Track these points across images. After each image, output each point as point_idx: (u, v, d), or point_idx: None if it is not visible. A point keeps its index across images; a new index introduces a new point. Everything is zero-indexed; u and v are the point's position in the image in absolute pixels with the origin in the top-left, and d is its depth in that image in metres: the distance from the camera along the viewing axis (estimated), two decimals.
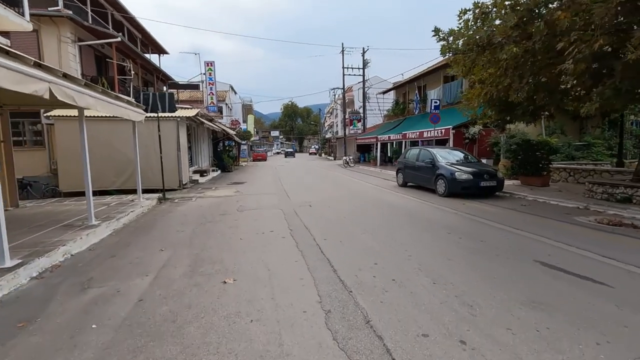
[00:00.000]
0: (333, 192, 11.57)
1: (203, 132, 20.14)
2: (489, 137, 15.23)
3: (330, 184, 14.28)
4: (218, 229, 6.63)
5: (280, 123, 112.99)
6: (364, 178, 16.83)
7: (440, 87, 21.21)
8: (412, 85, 25.68)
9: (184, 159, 13.86)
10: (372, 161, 25.86)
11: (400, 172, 12.53)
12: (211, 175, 18.44)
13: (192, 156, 17.64)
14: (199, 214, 8.16)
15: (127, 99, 8.05)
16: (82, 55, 14.86)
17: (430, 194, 10.44)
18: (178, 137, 13.23)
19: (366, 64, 36.61)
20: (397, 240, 5.44)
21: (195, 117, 15.21)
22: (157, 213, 8.50)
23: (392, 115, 29.28)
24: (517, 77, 7.32)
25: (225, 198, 10.80)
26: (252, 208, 8.83)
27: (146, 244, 5.71)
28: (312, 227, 6.55)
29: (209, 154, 21.98)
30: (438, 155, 10.64)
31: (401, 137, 20.86)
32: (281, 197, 10.74)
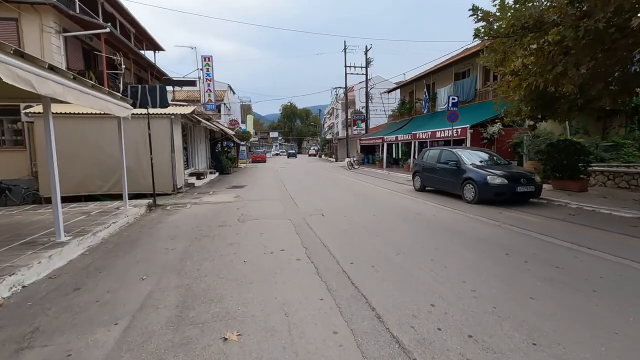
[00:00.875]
0: (344, 198, 10.37)
1: (200, 132, 18.93)
2: (510, 137, 14.08)
3: (339, 188, 13.09)
4: (216, 246, 5.43)
5: (279, 124, 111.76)
6: (373, 181, 15.64)
7: (451, 85, 20.08)
8: (419, 83, 24.56)
9: (178, 161, 12.65)
10: (378, 163, 24.69)
11: (417, 175, 11.36)
12: (209, 178, 17.22)
13: (188, 157, 16.41)
14: (193, 225, 6.95)
15: (108, 90, 6.84)
16: (68, 48, 13.64)
17: (455, 201, 9.26)
18: (172, 136, 12.02)
19: (369, 62, 35.53)
20: (447, 267, 4.25)
21: (191, 115, 14.00)
22: (145, 224, 7.28)
23: (397, 115, 28.14)
24: (572, 65, 6.15)
25: (224, 205, 9.59)
26: (256, 217, 7.63)
27: (124, 268, 4.49)
28: (330, 244, 5.35)
29: (206, 156, 20.75)
30: (464, 157, 9.47)
31: (410, 138, 19.70)
32: (287, 203, 9.53)
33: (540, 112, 8.48)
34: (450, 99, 13.74)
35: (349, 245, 5.27)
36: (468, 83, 18.34)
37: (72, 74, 5.30)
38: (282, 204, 9.50)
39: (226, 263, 4.59)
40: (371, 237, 5.72)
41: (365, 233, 6.01)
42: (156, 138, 11.90)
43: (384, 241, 5.46)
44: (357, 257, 4.68)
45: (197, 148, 17.68)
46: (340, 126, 56.72)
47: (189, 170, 15.89)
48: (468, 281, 3.74)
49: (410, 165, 20.05)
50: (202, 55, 20.06)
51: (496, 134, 14.35)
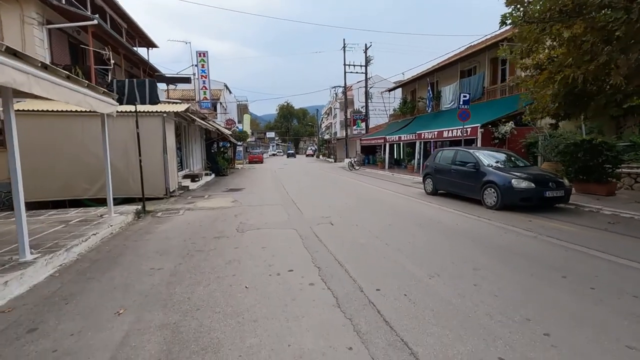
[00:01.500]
0: (352, 202, 9.56)
1: (195, 132, 18.05)
2: (523, 136, 13.35)
3: (343, 191, 12.28)
4: (211, 264, 4.59)
5: (276, 124, 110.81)
6: (378, 183, 14.85)
7: (456, 83, 19.34)
8: (422, 81, 23.81)
9: (171, 162, 11.78)
10: (380, 164, 23.91)
11: (429, 177, 10.57)
12: (204, 180, 16.34)
13: (182, 158, 15.53)
14: (186, 237, 6.10)
15: (88, 83, 5.98)
16: (53, 41, 12.71)
17: (474, 206, 8.48)
18: (164, 136, 11.15)
19: (369, 60, 34.77)
20: (497, 296, 3.44)
21: (185, 114, 13.12)
22: (131, 235, 6.41)
23: (399, 115, 27.38)
24: (618, 53, 5.38)
25: (220, 211, 8.74)
26: (256, 227, 6.79)
27: (98, 297, 3.65)
28: (347, 262, 4.53)
29: (201, 156, 19.86)
30: (482, 158, 8.70)
31: (415, 138, 18.93)
32: (290, 209, 8.71)
33: (569, 109, 7.71)
34: (461, 97, 12.99)
35: (369, 264, 4.45)
36: (475, 81, 17.61)
37: (40, 61, 4.44)
38: (284, 209, 8.67)
39: (224, 289, 3.75)
40: (393, 253, 4.90)
41: (384, 247, 5.20)
42: (146, 138, 11.04)
43: (409, 258, 4.65)
44: (382, 280, 3.87)
45: (191, 148, 16.80)
46: (339, 126, 55.95)
47: (183, 172, 15.01)
48: (534, 319, 2.94)
49: (414, 166, 19.31)
50: (196, 50, 19.23)
51: (508, 134, 13.61)
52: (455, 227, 6.44)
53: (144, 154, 11.08)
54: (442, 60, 22.16)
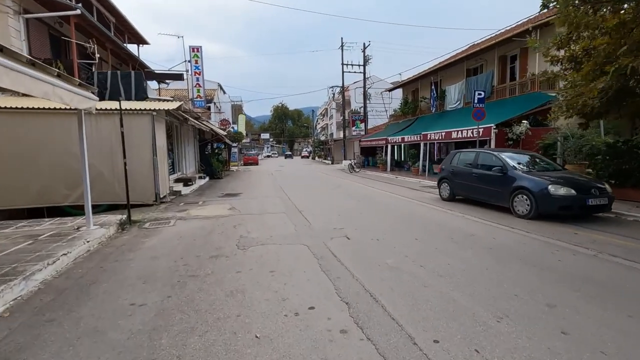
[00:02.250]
0: (363, 209, 8.63)
1: (188, 132, 16.99)
2: (539, 137, 12.55)
3: (350, 196, 11.34)
4: (208, 297, 3.62)
5: (270, 125, 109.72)
6: (385, 187, 13.94)
7: (462, 82, 18.56)
8: (425, 80, 23.03)
9: (162, 165, 10.75)
10: (381, 166, 23.03)
11: (445, 182, 9.68)
12: (198, 184, 15.29)
13: (174, 161, 14.48)
14: (176, 256, 5.11)
15: (58, 71, 4.96)
16: (31, 32, 11.60)
17: (501, 214, 7.61)
18: (153, 136, 10.12)
19: (367, 60, 33.97)
20: (606, 352, 2.52)
21: (177, 112, 12.09)
22: (110, 254, 5.39)
23: (399, 115, 26.57)
24: None
25: (217, 220, 7.74)
26: (260, 242, 5.81)
27: (54, 355, 2.65)
28: (381, 293, 3.59)
29: (195, 158, 18.79)
30: (509, 160, 7.83)
31: (419, 139, 18.09)
32: (295, 218, 7.75)
33: (610, 107, 6.87)
34: (475, 95, 12.15)
35: (410, 297, 3.51)
36: (483, 79, 16.83)
37: None
38: (289, 218, 7.71)
39: (226, 340, 2.79)
40: (434, 280, 3.97)
41: (420, 271, 4.26)
42: (134, 138, 10.01)
43: (458, 288, 3.72)
44: (436, 324, 2.93)
45: (184, 150, 15.74)
46: (335, 127, 55.15)
47: (175, 175, 13.95)
48: None
49: (419, 168, 18.46)
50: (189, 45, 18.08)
51: (523, 134, 12.81)
52: (493, 243, 5.53)
53: (131, 156, 10.04)
54: (446, 59, 21.40)
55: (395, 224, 7.00)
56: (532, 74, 14.38)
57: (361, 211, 8.48)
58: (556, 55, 7.54)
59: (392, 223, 7.14)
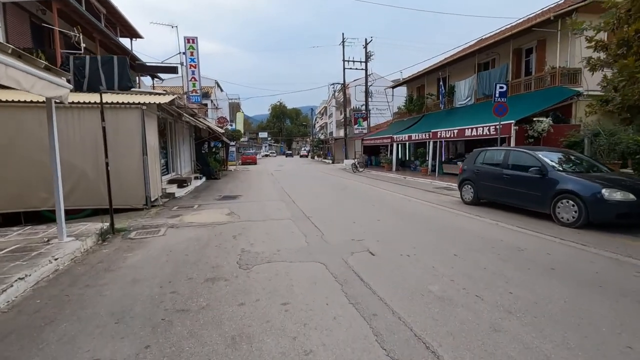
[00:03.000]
0: (380, 216, 7.64)
1: (183, 130, 15.94)
2: (562, 134, 11.62)
3: (360, 199, 10.36)
4: (201, 350, 2.62)
5: (268, 124, 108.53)
6: (395, 188, 12.96)
7: (473, 77, 17.61)
8: (431, 76, 22.08)
9: (153, 165, 9.73)
10: (386, 165, 22.05)
11: (468, 183, 8.71)
12: (193, 185, 14.25)
13: (168, 161, 13.44)
14: (163, 278, 4.11)
15: (13, 48, 3.94)
16: (9, 20, 10.54)
17: (541, 221, 6.65)
18: (143, 133, 9.10)
19: (369, 56, 32.99)
20: None
21: (170, 107, 11.06)
22: (81, 275, 4.37)
23: (404, 113, 25.61)
24: None
25: (213, 229, 6.73)
26: (266, 258, 4.82)
27: None
28: (440, 345, 2.61)
29: (190, 158, 17.75)
30: (547, 160, 6.87)
31: (428, 137, 17.13)
32: (304, 226, 6.75)
33: None
34: (497, 88, 11.19)
35: (485, 352, 2.52)
36: (497, 74, 15.87)
37: None
38: (297, 226, 6.71)
39: None
40: (505, 320, 2.98)
41: (481, 305, 3.28)
42: (121, 135, 9.00)
43: (543, 335, 2.74)
44: None
45: (179, 149, 14.70)
46: (334, 126, 54.21)
47: (168, 176, 12.92)
48: None
49: (428, 168, 17.50)
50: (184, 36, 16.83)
51: (545, 132, 11.87)
52: (551, 261, 4.55)
53: (118, 156, 9.04)
54: (454, 54, 20.44)
55: (423, 234, 6.02)
56: (551, 67, 13.44)
57: (378, 217, 7.49)
58: (601, 40, 6.59)
59: (418, 233, 6.16)
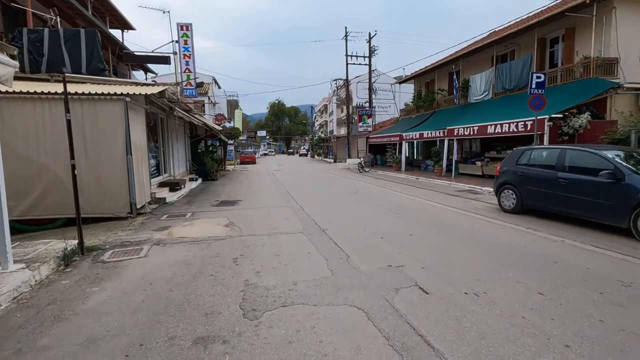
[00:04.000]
0: (412, 229, 6.34)
1: (177, 127, 14.58)
2: (601, 131, 10.35)
3: (379, 205, 9.06)
4: None
5: (267, 123, 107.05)
6: (413, 192, 11.67)
7: (490, 70, 16.32)
8: (442, 71, 20.78)
9: (139, 167, 8.41)
10: (395, 165, 20.75)
11: (509, 188, 7.42)
12: (187, 187, 12.91)
13: (160, 161, 12.09)
14: (132, 339, 2.79)
15: None
16: None
17: (616, 238, 5.38)
18: (127, 129, 7.77)
19: (373, 51, 31.67)
20: None
21: (160, 100, 9.72)
22: (14, 331, 3.02)
23: (411, 110, 24.31)
24: None
25: (208, 247, 5.41)
26: (281, 298, 3.50)
27: None
28: None
29: (185, 157, 16.38)
30: (621, 161, 5.58)
31: (443, 135, 15.84)
32: (321, 243, 5.45)
33: None
34: (534, 78, 9.88)
35: None
36: (519, 66, 14.58)
37: None
38: (312, 244, 5.40)
39: None
40: None
41: None
42: (100, 131, 7.70)
43: None
44: None
45: (172, 148, 13.34)
46: (335, 124, 52.89)
47: (159, 178, 11.57)
48: None
49: (442, 168, 16.21)
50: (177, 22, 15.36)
51: (582, 128, 10.60)
52: None
53: (96, 156, 7.74)
54: (467, 45, 19.15)
55: (476, 257, 4.72)
56: (584, 56, 12.17)
57: (408, 230, 6.19)
58: None
59: (467, 254, 4.86)
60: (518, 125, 11.40)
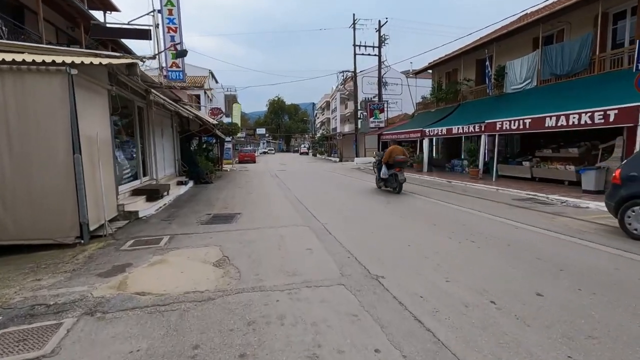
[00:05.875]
0: (527, 281, 3.89)
1: (162, 119, 12.05)
2: None
3: (435, 226, 6.60)
4: None
5: (266, 120, 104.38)
6: (458, 200, 9.20)
7: (534, 54, 13.81)
8: (468, 58, 18.26)
9: (96, 170, 5.93)
10: (416, 165, 18.26)
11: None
12: (173, 194, 10.41)
13: (138, 161, 9.54)
14: None
15: None
16: None
17: None
18: (73, 116, 5.28)
19: (383, 40, 29.16)
20: None
21: (131, 77, 7.21)
22: None
23: (430, 103, 21.82)
24: None
25: (180, 323, 2.91)
26: None
27: None
28: None
29: (174, 156, 13.85)
30: None
31: (480, 130, 13.38)
32: (386, 313, 2.98)
33: None
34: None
35: None
36: (574, 47, 12.08)
37: None
38: (370, 315, 2.92)
39: None
40: None
41: None
42: (30, 119, 5.21)
43: None
44: None
45: (154, 144, 10.80)
46: (339, 121, 50.31)
47: (135, 183, 9.03)
48: None
49: (479, 170, 13.74)
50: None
51: None
52: None
53: (25, 155, 5.23)
54: (502, 27, 16.65)
55: None
56: None
57: (529, 283, 3.72)
58: None
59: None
60: (594, 116, 8.95)
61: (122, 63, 6.21)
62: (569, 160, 10.83)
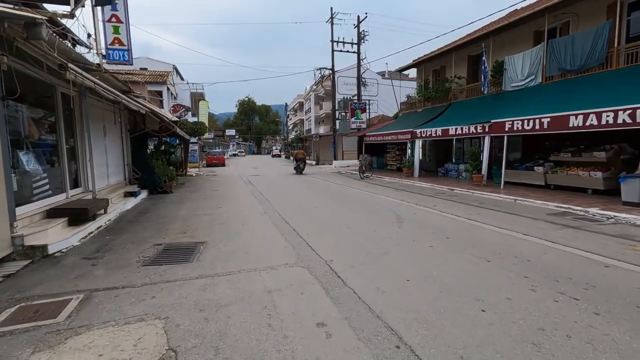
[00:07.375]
0: None
1: (104, 115, 9.51)
2: None
3: (483, 259, 4.75)
4: None
5: (236, 121, 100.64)
6: (476, 214, 7.48)
7: (537, 48, 12.53)
8: (460, 53, 16.90)
9: None
10: (406, 169, 16.59)
11: None
12: (116, 210, 7.97)
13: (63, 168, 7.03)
14: None
15: None
16: None
17: None
18: None
19: (362, 37, 27.60)
20: None
21: (27, 39, 4.85)
22: None
23: (416, 103, 20.37)
24: None
25: None
26: None
27: None
28: None
29: (123, 161, 11.26)
30: None
31: (485, 131, 11.89)
32: None
33: None
34: None
35: None
36: (587, 39, 10.85)
37: None
38: None
39: None
40: None
41: None
42: None
43: None
44: None
45: (89, 145, 8.25)
46: (314, 122, 48.41)
47: (55, 199, 6.52)
48: None
49: (483, 176, 12.23)
50: None
51: None
52: None
53: None
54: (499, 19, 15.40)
55: None
56: None
57: None
58: None
59: None
60: (636, 114, 7.54)
61: (10, 15, 3.89)
62: (593, 165, 9.47)
